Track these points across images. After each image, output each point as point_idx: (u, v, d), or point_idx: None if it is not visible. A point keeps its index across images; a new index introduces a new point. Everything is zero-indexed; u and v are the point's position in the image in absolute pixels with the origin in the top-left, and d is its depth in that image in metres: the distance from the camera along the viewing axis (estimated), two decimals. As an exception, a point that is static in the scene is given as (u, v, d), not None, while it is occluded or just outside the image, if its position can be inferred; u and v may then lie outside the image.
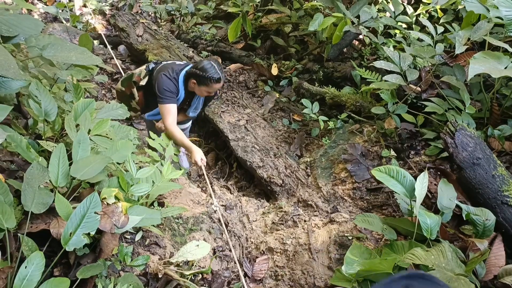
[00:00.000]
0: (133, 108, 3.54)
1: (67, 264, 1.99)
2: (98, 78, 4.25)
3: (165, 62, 3.43)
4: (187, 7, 6.45)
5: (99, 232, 2.07)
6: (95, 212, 1.76)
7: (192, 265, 2.56)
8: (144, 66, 3.49)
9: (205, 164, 3.16)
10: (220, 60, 5.44)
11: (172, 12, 6.75)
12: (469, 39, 3.23)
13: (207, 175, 3.17)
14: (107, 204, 1.94)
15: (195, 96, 3.37)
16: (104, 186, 2.13)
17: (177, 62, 3.40)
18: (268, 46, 5.80)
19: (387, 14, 4.57)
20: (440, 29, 3.61)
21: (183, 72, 3.22)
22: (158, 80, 3.16)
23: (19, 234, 1.80)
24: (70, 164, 2.03)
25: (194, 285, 2.26)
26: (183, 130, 3.53)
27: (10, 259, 1.72)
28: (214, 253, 2.87)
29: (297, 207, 3.44)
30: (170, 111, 3.15)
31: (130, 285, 1.91)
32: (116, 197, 2.02)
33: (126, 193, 2.20)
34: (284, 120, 4.65)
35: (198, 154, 3.15)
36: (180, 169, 2.91)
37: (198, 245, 2.38)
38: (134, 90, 3.43)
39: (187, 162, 4.02)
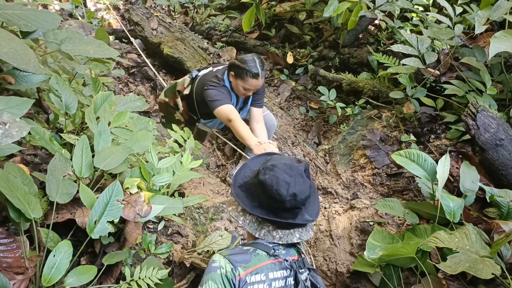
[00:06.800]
0: (176, 120, 3.39)
1: (93, 253, 2.03)
2: (115, 73, 4.30)
3: (204, 71, 3.21)
4: (200, -1, 6.46)
5: (123, 221, 2.10)
6: (117, 200, 1.78)
7: (213, 253, 2.58)
8: (187, 76, 3.32)
9: None
10: (235, 51, 5.42)
11: (186, 5, 6.75)
12: (488, 19, 3.16)
13: None
14: (130, 193, 1.96)
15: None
16: (126, 176, 2.15)
17: (215, 68, 3.16)
18: (283, 35, 5.76)
19: (403, -3, 4.48)
20: (459, 10, 3.53)
21: (226, 72, 3.04)
22: (207, 95, 2.94)
23: (45, 225, 1.84)
24: (93, 156, 2.06)
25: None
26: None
27: (38, 248, 1.76)
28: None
29: (316, 195, 3.44)
30: (231, 111, 2.90)
31: (154, 267, 1.94)
32: (138, 187, 2.04)
33: (148, 183, 2.22)
34: (301, 108, 4.63)
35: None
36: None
37: (221, 236, 2.43)
38: (178, 100, 3.27)
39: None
